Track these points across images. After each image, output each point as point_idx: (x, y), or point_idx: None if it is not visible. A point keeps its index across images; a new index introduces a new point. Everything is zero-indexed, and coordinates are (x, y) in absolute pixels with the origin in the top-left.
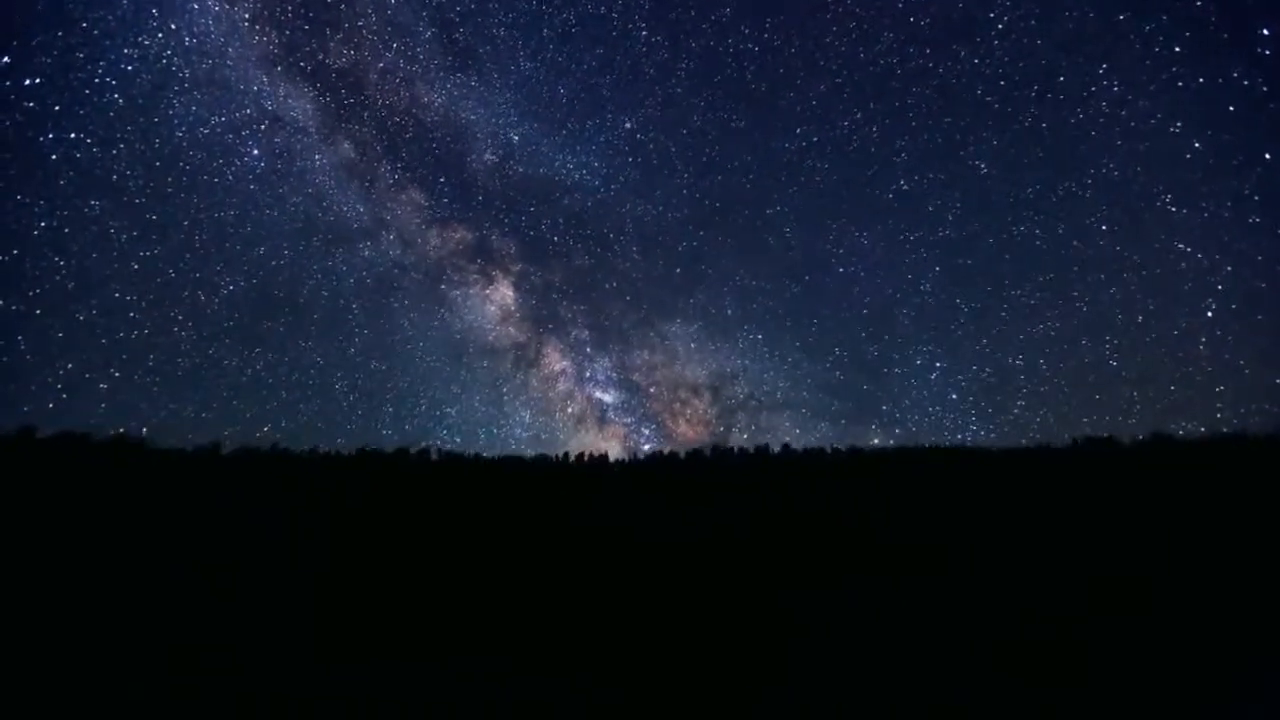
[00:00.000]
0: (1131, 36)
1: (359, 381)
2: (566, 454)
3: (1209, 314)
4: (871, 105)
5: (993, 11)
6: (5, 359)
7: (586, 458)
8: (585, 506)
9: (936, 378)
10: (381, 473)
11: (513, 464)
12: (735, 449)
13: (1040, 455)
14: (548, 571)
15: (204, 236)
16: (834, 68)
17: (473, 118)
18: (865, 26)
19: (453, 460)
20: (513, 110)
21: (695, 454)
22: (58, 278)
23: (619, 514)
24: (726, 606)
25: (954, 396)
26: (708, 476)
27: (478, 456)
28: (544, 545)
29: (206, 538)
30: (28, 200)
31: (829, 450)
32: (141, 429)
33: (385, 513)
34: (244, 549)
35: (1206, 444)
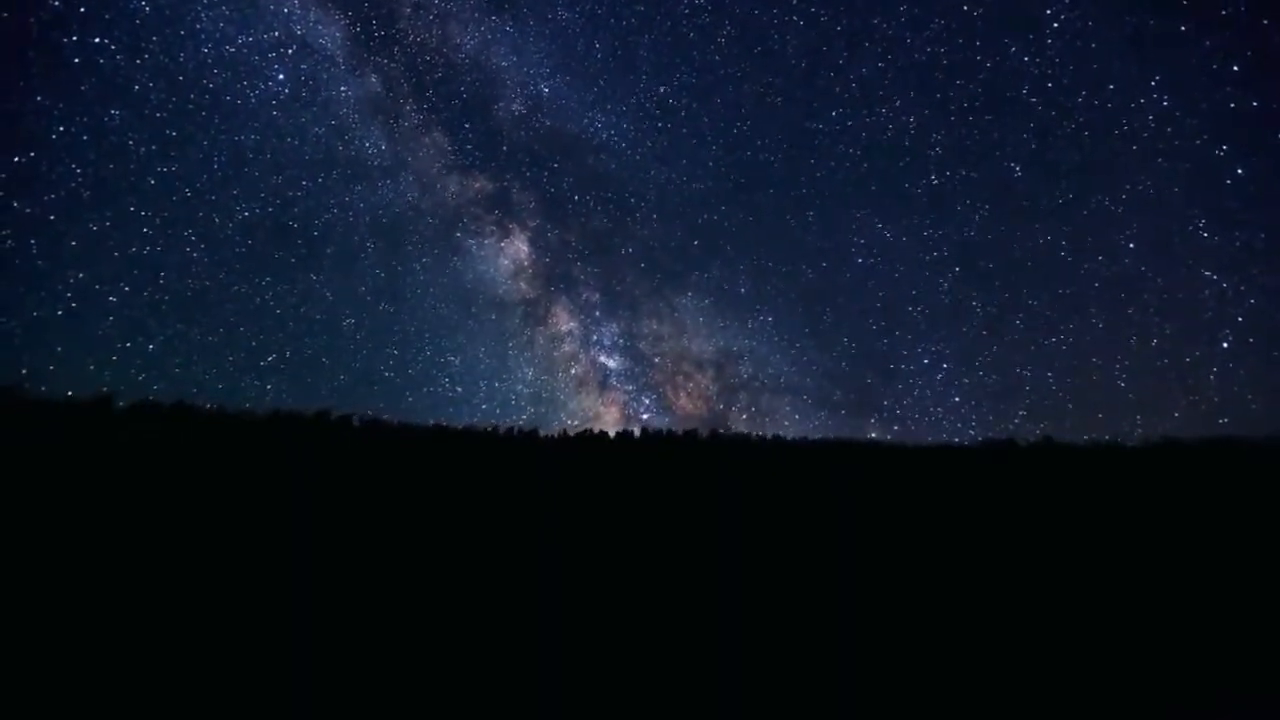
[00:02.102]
0: (1190, 49)
1: (366, 321)
2: (495, 426)
3: (1224, 345)
4: (912, 94)
5: (1050, 8)
6: (17, 262)
7: (517, 432)
8: (517, 481)
9: (941, 378)
10: (297, 436)
11: (440, 434)
12: (664, 431)
13: (946, 455)
14: (475, 549)
15: (222, 158)
16: (879, 50)
17: (504, 64)
18: (916, 10)
19: (377, 427)
20: (546, 61)
21: (624, 434)
22: (73, 185)
23: (552, 491)
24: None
25: (956, 399)
26: (632, 456)
27: (404, 425)
28: (469, 521)
29: (91, 499)
30: (47, 103)
31: (753, 437)
32: (148, 345)
33: (298, 478)
34: (136, 515)
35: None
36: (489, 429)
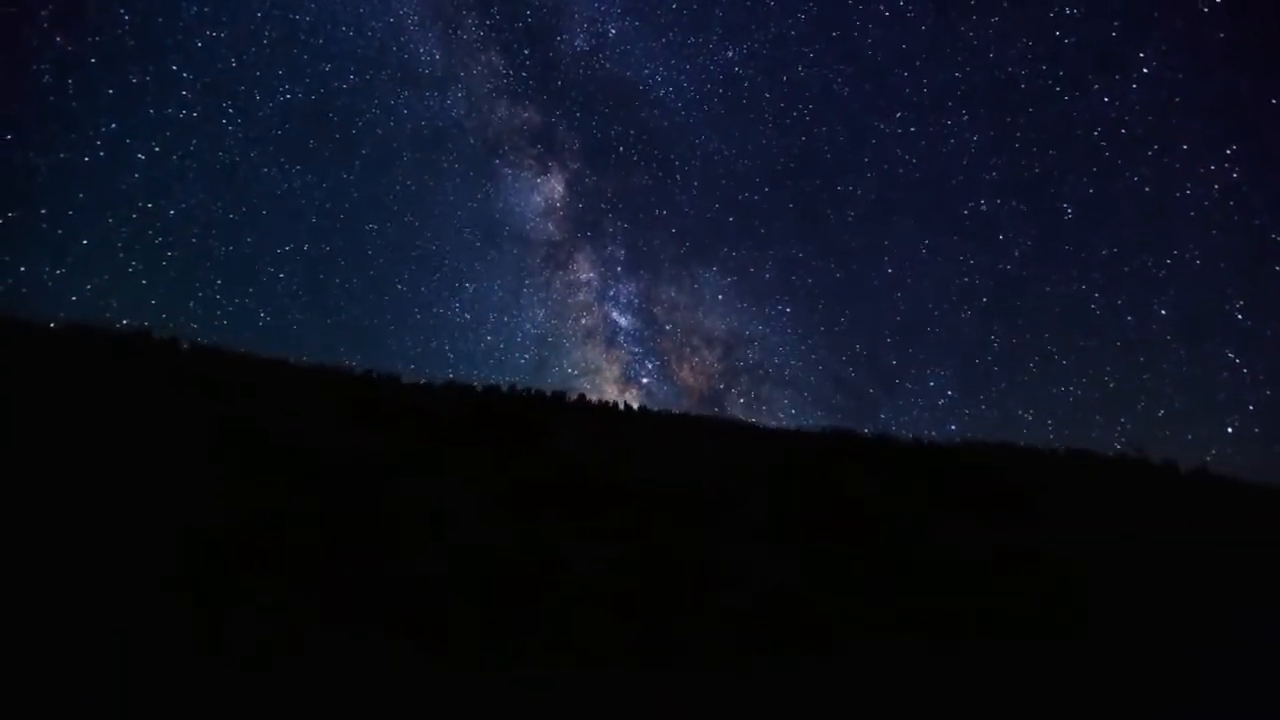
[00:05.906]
0: (1275, 123)
1: (389, 230)
2: (353, 367)
3: (1229, 429)
4: (982, 111)
5: (1144, 51)
6: (52, 98)
7: (375, 375)
8: (351, 429)
9: (943, 404)
10: (100, 353)
11: (282, 370)
12: (531, 390)
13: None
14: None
15: (274, 34)
16: (959, 59)
17: None
18: (1005, 25)
19: (204, 353)
20: (618, 1)
21: (473, 389)
22: (118, 33)
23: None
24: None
25: (953, 427)
26: (487, 420)
27: (244, 355)
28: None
29: None
30: None
31: (622, 407)
32: (169, 210)
33: (93, 400)
34: None
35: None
36: (350, 369)
